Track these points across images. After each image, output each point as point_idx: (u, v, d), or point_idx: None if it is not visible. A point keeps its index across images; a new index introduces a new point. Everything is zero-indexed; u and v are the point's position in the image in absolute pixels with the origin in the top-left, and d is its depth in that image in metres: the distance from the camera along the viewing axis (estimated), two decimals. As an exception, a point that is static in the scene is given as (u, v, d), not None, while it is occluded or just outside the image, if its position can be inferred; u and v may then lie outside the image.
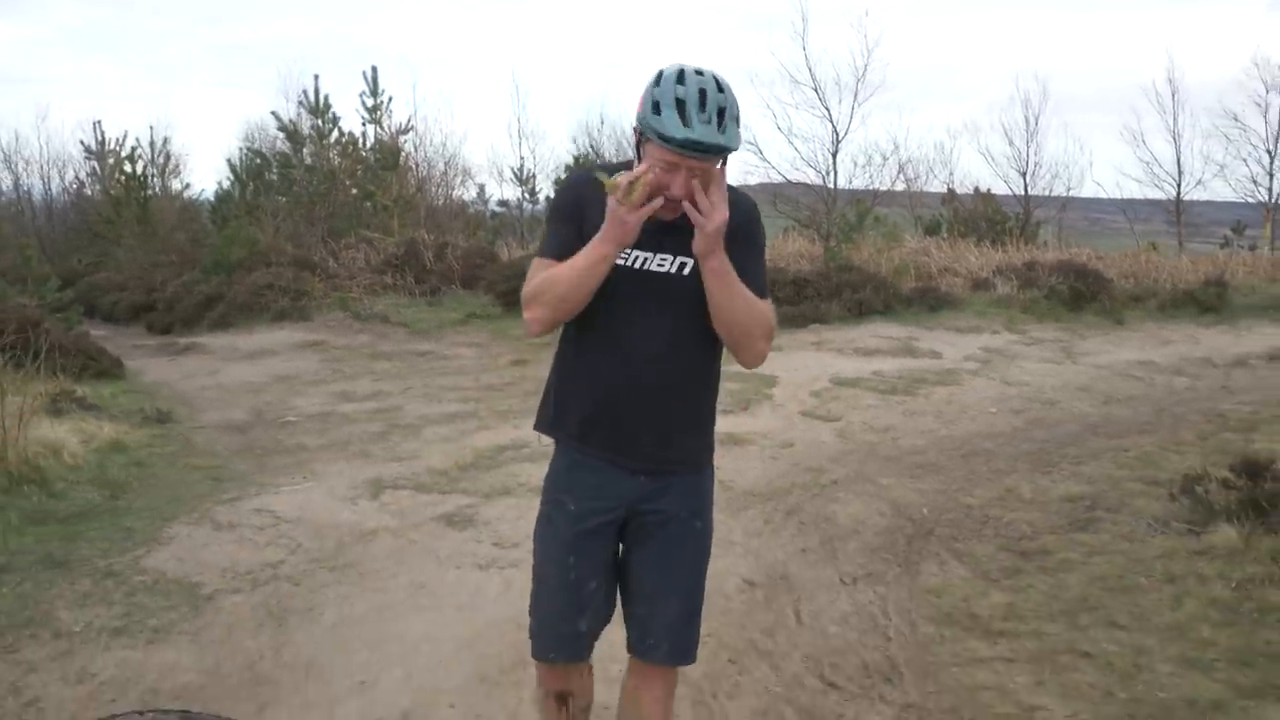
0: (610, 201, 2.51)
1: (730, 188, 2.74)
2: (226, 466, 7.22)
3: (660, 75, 2.53)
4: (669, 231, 2.65)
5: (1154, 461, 7.24)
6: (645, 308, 2.71)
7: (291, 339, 13.40)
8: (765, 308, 2.72)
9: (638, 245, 2.64)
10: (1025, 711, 3.89)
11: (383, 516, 6.05)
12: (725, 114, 2.50)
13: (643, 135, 2.57)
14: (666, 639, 2.87)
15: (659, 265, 2.68)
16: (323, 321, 14.48)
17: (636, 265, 2.68)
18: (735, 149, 2.56)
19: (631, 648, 2.94)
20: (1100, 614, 4.72)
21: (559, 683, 2.97)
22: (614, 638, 3.00)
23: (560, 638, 2.89)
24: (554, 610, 2.89)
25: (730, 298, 2.64)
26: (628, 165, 2.69)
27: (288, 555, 5.42)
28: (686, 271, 2.68)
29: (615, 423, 2.77)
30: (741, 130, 2.60)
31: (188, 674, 4.11)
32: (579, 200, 2.72)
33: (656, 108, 2.49)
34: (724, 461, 6.83)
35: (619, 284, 2.67)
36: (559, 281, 2.62)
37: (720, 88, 2.51)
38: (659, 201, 2.53)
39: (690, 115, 2.47)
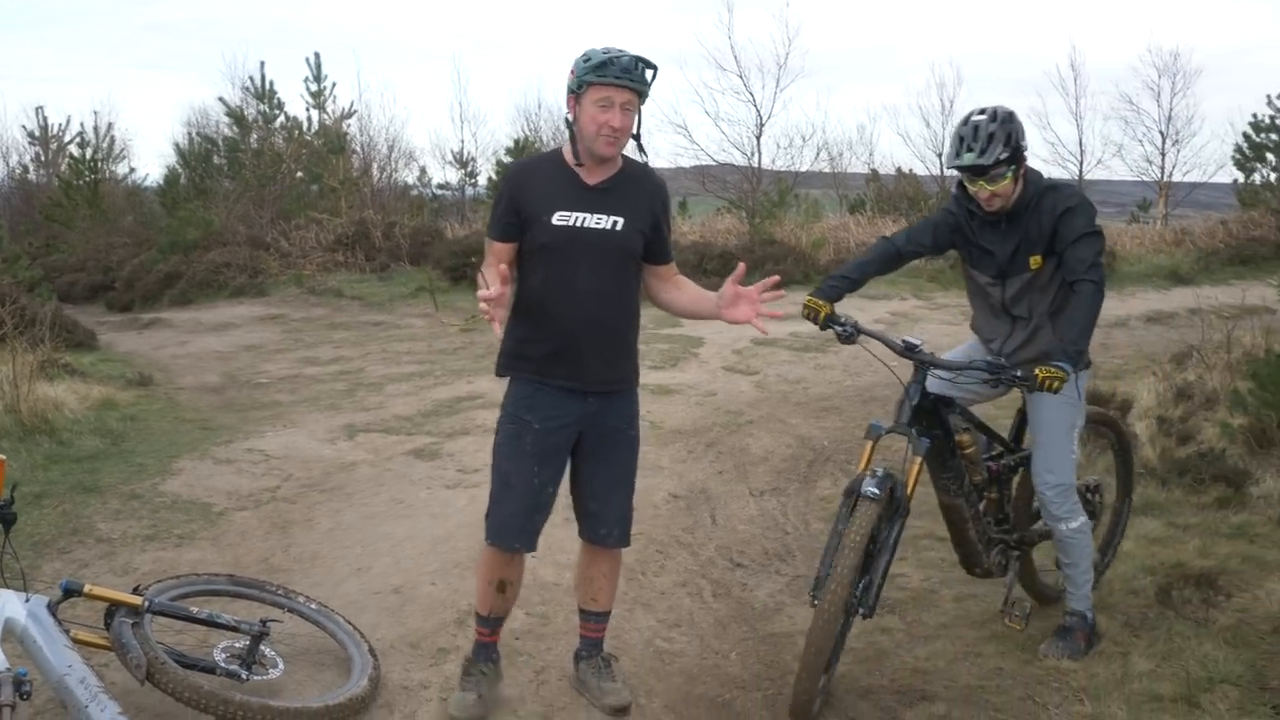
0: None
1: (646, 166, 3.72)
2: (212, 419, 8.10)
3: (586, 52, 3.46)
4: (603, 194, 3.52)
5: (1025, 402, 8.34)
6: (588, 258, 3.51)
7: (251, 313, 14.17)
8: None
9: (577, 208, 3.50)
10: (889, 579, 4.94)
11: (359, 452, 6.99)
12: (638, 59, 3.41)
13: (578, 97, 3.44)
14: (616, 527, 3.77)
15: (596, 223, 3.51)
16: (280, 297, 15.25)
17: (577, 224, 3.51)
18: (649, 82, 3.44)
19: (587, 537, 3.80)
20: (955, 510, 5.80)
21: (503, 570, 3.68)
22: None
23: (522, 530, 3.61)
24: (519, 510, 3.58)
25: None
26: (555, 153, 3.63)
27: (282, 482, 6.35)
28: (619, 228, 3.52)
29: (573, 355, 3.56)
30: (653, 89, 3.49)
31: (214, 567, 5.02)
32: (515, 189, 3.59)
33: (588, 61, 3.41)
34: (654, 407, 7.89)
35: (565, 241, 3.49)
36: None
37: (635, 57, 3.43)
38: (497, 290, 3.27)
39: (610, 50, 3.41)
